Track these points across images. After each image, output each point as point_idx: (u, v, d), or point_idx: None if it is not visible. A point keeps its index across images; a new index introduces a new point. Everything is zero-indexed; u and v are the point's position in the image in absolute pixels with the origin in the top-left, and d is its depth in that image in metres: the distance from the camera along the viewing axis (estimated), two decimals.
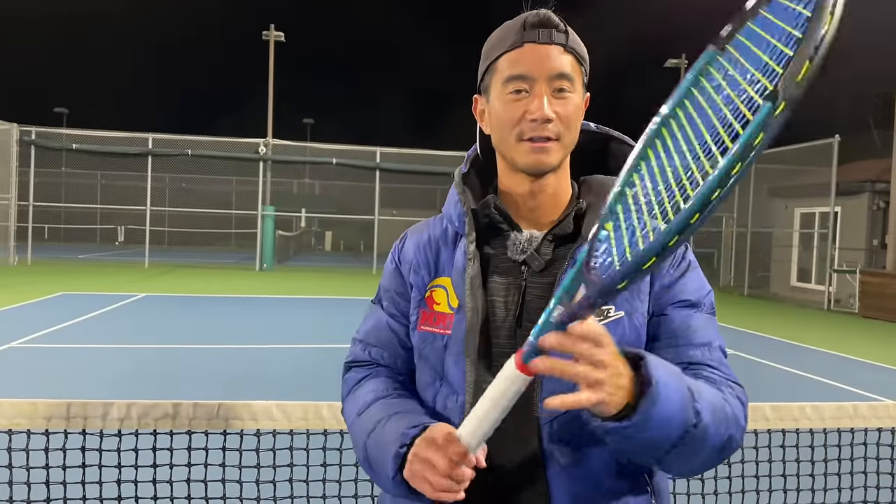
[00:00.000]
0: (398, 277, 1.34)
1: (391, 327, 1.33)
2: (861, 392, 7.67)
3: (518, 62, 1.17)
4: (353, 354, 1.39)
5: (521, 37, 1.18)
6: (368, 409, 1.24)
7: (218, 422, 1.93)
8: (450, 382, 1.21)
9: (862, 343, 11.79)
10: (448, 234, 1.31)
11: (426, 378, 1.26)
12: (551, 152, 1.17)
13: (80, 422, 1.88)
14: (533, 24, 1.18)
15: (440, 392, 1.23)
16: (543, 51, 1.16)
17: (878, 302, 15.29)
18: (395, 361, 1.33)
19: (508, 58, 1.18)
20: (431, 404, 1.24)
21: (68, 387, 6.55)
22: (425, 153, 24.41)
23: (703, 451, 1.05)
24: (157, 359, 8.16)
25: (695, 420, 1.00)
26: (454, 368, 1.20)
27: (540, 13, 1.19)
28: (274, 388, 6.79)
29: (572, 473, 1.14)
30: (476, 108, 1.29)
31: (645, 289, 1.20)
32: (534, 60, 1.16)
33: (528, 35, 1.17)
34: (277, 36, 27.07)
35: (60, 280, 16.68)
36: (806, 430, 2.25)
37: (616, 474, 1.16)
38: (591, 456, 1.15)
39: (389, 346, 1.33)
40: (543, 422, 1.14)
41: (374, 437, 1.18)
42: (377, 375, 1.32)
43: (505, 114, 1.19)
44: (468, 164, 1.35)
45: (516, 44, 1.18)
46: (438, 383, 1.23)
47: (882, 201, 17.77)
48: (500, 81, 1.19)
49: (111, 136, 23.26)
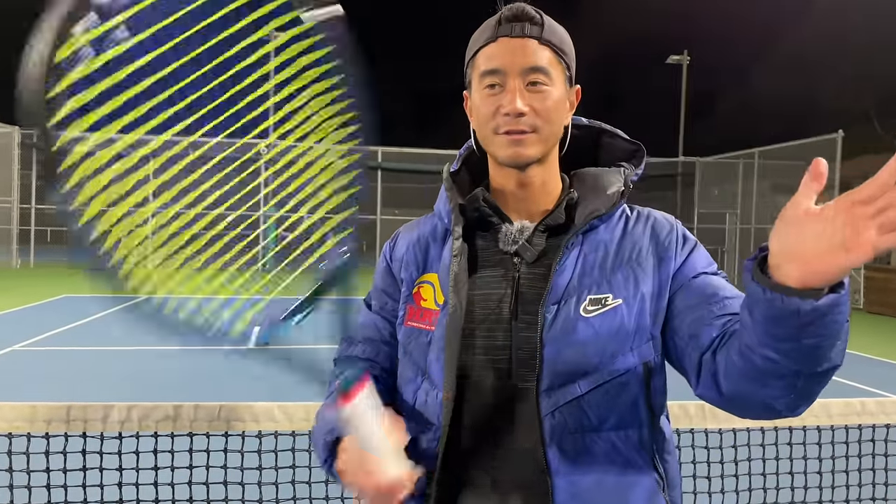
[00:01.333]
0: (388, 276, 1.35)
1: (377, 325, 1.34)
2: (868, 388, 7.64)
3: (492, 57, 1.18)
4: (339, 351, 1.40)
5: (495, 32, 1.19)
6: (331, 396, 1.27)
7: (219, 423, 1.92)
8: (431, 378, 1.21)
9: (868, 339, 11.74)
10: (438, 231, 1.32)
11: (409, 373, 1.26)
12: (528, 144, 1.17)
13: (81, 424, 1.87)
14: (507, 18, 1.19)
15: (421, 387, 1.23)
16: (516, 44, 1.17)
17: (883, 297, 15.24)
18: (377, 356, 1.34)
19: (483, 53, 1.20)
20: (412, 399, 1.24)
21: (71, 390, 6.55)
22: (427, 152, 24.38)
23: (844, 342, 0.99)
24: (161, 361, 8.16)
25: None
26: (435, 364, 1.20)
27: (515, 7, 1.19)
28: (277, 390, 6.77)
29: (575, 465, 1.12)
30: (466, 105, 1.29)
31: (649, 270, 1.19)
32: (506, 54, 1.17)
33: (501, 30, 1.18)
34: None
35: (63, 283, 16.70)
36: (813, 427, 2.23)
37: (621, 465, 1.14)
38: (593, 446, 1.13)
39: (372, 343, 1.34)
40: (544, 413, 1.13)
41: (318, 417, 1.26)
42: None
43: (483, 108, 1.20)
44: (459, 161, 1.36)
45: (490, 39, 1.19)
46: (420, 379, 1.23)
47: None
48: (478, 77, 1.21)
49: None
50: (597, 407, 1.13)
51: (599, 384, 1.13)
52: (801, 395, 1.02)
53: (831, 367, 0.97)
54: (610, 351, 1.14)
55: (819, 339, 0.91)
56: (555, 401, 1.13)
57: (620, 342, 1.14)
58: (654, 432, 1.19)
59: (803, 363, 0.96)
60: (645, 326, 1.16)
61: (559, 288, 1.15)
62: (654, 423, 1.19)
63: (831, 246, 0.83)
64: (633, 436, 1.16)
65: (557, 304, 1.15)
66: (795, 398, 1.02)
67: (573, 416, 1.13)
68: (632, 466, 1.15)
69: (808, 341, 0.92)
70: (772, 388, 1.01)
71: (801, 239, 0.85)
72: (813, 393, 1.02)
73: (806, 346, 0.93)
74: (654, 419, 1.18)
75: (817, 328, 0.90)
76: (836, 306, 0.88)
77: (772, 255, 0.90)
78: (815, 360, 0.95)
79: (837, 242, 0.82)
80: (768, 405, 1.05)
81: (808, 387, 1.00)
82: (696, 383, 1.15)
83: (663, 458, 1.20)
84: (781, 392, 1.01)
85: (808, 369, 0.97)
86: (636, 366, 1.15)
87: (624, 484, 1.14)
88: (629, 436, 1.16)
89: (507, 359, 1.16)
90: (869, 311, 15.53)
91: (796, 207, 0.86)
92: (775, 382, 1.00)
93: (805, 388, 1.00)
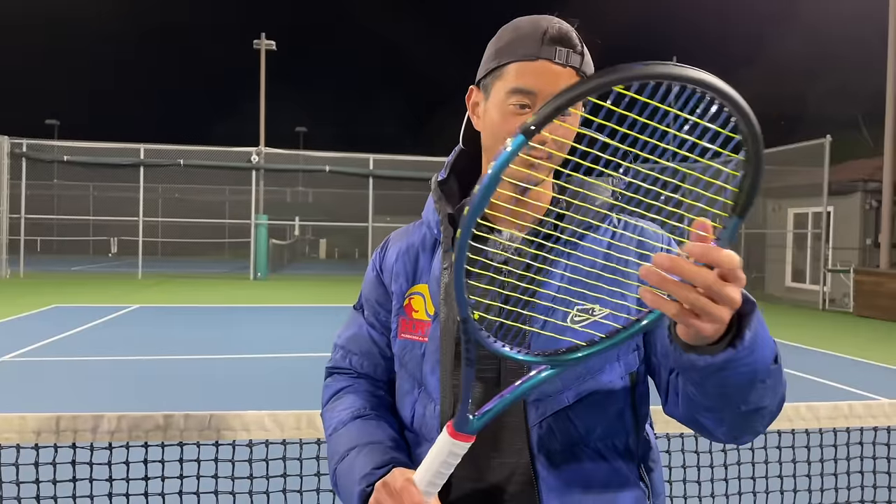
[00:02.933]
0: (379, 286, 1.34)
1: (372, 337, 1.34)
2: (857, 391, 7.69)
3: (528, 76, 1.13)
4: (333, 360, 1.40)
5: (537, 50, 1.12)
6: (345, 427, 1.25)
7: (210, 433, 1.91)
8: (427, 390, 1.21)
9: (857, 342, 11.82)
10: (427, 241, 1.31)
11: (406, 386, 1.27)
12: (540, 170, 1.15)
13: (71, 435, 1.86)
14: (552, 39, 1.12)
15: (419, 400, 1.23)
16: (557, 71, 1.12)
17: (872, 300, 15.34)
18: (374, 370, 1.34)
19: (519, 68, 1.14)
20: (411, 412, 1.25)
21: (61, 400, 6.51)
22: (419, 159, 24.41)
23: (780, 390, 1.00)
24: (151, 371, 8.12)
25: (776, 349, 0.96)
26: (431, 377, 1.21)
27: (562, 28, 1.13)
28: (269, 399, 6.76)
29: (562, 474, 1.13)
30: (469, 99, 1.26)
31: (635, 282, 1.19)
32: (545, 79, 1.12)
33: (545, 51, 1.12)
34: (269, 45, 27.14)
35: (53, 293, 16.60)
36: (802, 430, 2.25)
37: (607, 474, 1.15)
38: (580, 456, 1.14)
39: (370, 356, 1.34)
40: (532, 424, 1.14)
41: (345, 465, 1.19)
42: (355, 390, 1.33)
43: (503, 125, 1.16)
44: (447, 169, 1.33)
45: (530, 56, 1.13)
46: (417, 391, 1.24)
47: (874, 200, 17.85)
48: (505, 89, 1.15)
49: (103, 148, 23.22)
50: (584, 417, 1.14)
51: (586, 394, 1.14)
52: (734, 429, 1.03)
53: (755, 409, 0.98)
54: (597, 362, 1.14)
55: (725, 388, 0.93)
56: (542, 411, 1.13)
57: (607, 353, 1.15)
58: (639, 441, 1.20)
59: (719, 403, 0.98)
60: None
61: (547, 299, 1.15)
62: (639, 432, 1.20)
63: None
64: (620, 445, 1.17)
65: (545, 315, 1.15)
66: (728, 430, 1.04)
67: (560, 427, 1.14)
68: (618, 475, 1.16)
69: (714, 390, 0.94)
70: (705, 418, 1.04)
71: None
72: (747, 428, 1.03)
73: (713, 393, 0.95)
74: (638, 428, 1.20)
75: (721, 379, 0.91)
76: (732, 362, 0.87)
77: None
78: (731, 404, 0.97)
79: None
80: (710, 432, 1.08)
81: (737, 422, 1.01)
82: (664, 401, 1.17)
83: (648, 466, 1.21)
84: (713, 423, 1.04)
85: (728, 410, 0.98)
86: (622, 376, 1.17)
87: (611, 492, 1.14)
88: (615, 445, 1.17)
89: (496, 368, 1.16)
90: (858, 314, 15.62)
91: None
92: (706, 413, 1.03)
93: (735, 424, 1.02)
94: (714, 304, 0.80)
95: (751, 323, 0.87)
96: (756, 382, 0.93)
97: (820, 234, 18.01)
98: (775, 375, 0.96)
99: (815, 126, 18.36)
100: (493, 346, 0.97)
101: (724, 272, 0.79)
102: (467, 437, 1.01)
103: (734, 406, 0.97)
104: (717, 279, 0.79)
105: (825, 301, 17.43)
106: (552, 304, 1.14)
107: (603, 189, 1.24)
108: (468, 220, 0.86)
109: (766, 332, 0.93)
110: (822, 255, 17.87)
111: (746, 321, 0.88)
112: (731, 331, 0.87)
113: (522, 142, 0.82)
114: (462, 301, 0.94)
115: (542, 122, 0.80)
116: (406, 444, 1.24)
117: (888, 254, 16.56)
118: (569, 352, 0.98)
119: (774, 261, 20.50)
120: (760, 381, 0.94)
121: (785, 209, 20.13)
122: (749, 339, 0.87)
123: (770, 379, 0.95)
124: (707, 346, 0.88)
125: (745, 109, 0.77)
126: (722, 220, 0.83)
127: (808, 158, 18.29)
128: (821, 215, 17.86)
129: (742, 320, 0.88)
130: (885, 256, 16.58)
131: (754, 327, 0.88)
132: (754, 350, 0.89)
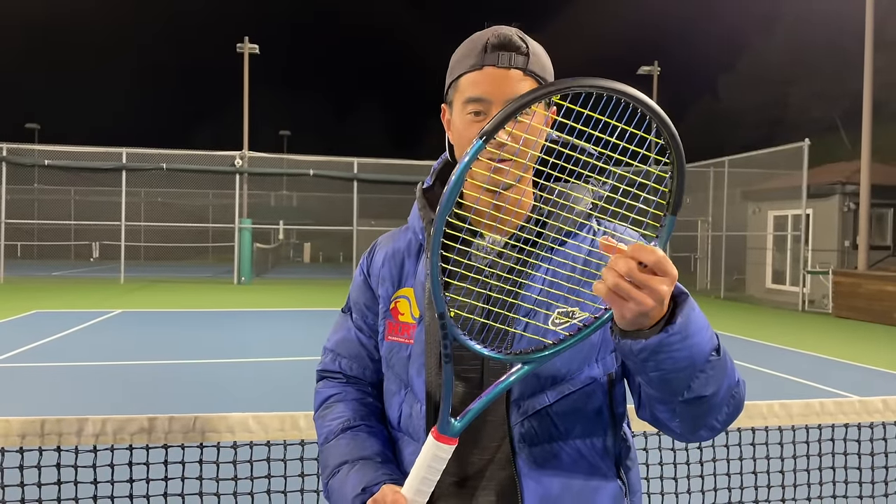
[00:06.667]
0: (367, 290, 1.38)
1: (360, 340, 1.38)
2: (834, 391, 7.79)
3: (476, 84, 1.20)
4: (324, 364, 1.44)
5: (481, 59, 1.19)
6: (335, 439, 1.29)
7: (194, 435, 1.93)
8: (414, 391, 1.26)
9: (835, 343, 11.98)
10: (412, 246, 1.35)
11: (393, 387, 1.31)
12: (506, 172, 1.19)
13: (55, 438, 1.87)
14: (494, 46, 1.19)
15: (406, 400, 1.28)
16: (501, 75, 1.18)
17: (850, 302, 15.55)
18: (363, 373, 1.38)
19: (468, 79, 1.21)
20: (398, 412, 1.29)
21: (44, 405, 6.46)
22: (402, 163, 24.45)
23: (725, 382, 1.08)
24: (134, 375, 8.06)
25: (717, 342, 1.06)
26: (417, 378, 1.25)
27: (501, 34, 1.19)
28: (253, 402, 6.75)
29: (543, 472, 1.17)
30: (444, 117, 1.32)
31: None
32: (491, 84, 1.18)
33: (488, 58, 1.19)
34: (252, 48, 27.02)
35: (34, 298, 16.41)
36: (775, 427, 2.31)
37: (587, 471, 1.19)
38: (560, 454, 1.19)
39: (358, 359, 1.38)
40: (514, 422, 1.18)
41: (337, 481, 1.24)
42: (344, 398, 1.36)
43: (465, 133, 1.23)
44: (433, 176, 1.38)
45: (476, 66, 1.20)
46: (404, 392, 1.28)
47: (853, 203, 18.10)
48: (461, 101, 1.22)
49: (84, 152, 22.98)
50: (564, 416, 1.19)
51: (566, 394, 1.19)
52: (686, 421, 1.12)
53: (698, 398, 1.07)
54: (577, 363, 1.19)
55: (662, 372, 1.03)
56: (524, 410, 1.18)
57: (587, 354, 1.20)
58: (616, 440, 1.25)
59: (662, 391, 1.07)
60: (608, 339, 1.22)
61: (528, 301, 1.19)
62: (617, 430, 1.25)
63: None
64: (598, 443, 1.22)
65: (527, 318, 1.19)
66: (681, 423, 1.13)
67: (541, 425, 1.18)
68: (597, 473, 1.20)
69: (654, 374, 1.03)
70: (660, 411, 1.14)
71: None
72: (699, 422, 1.12)
73: (655, 378, 1.04)
74: (616, 427, 1.25)
75: (657, 363, 1.01)
76: (665, 345, 0.98)
77: None
78: (671, 390, 1.06)
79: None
80: (668, 427, 1.17)
81: (686, 414, 1.10)
82: (637, 405, 1.24)
83: (625, 465, 1.26)
84: (668, 416, 1.13)
85: (671, 397, 1.08)
86: (600, 376, 1.22)
87: (589, 489, 1.19)
88: (594, 443, 1.21)
89: (479, 369, 1.20)
90: (837, 315, 15.82)
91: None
92: (659, 406, 1.13)
93: (685, 415, 1.11)
94: (635, 289, 0.93)
95: (682, 310, 0.99)
96: (695, 370, 1.03)
97: (799, 237, 18.23)
98: (717, 367, 1.05)
99: (794, 129, 18.60)
100: (468, 343, 1.05)
101: (652, 267, 0.93)
102: (450, 440, 1.09)
103: (678, 393, 1.06)
104: (634, 268, 0.93)
105: (805, 302, 17.64)
106: (534, 307, 1.19)
107: (582, 195, 1.26)
108: (438, 219, 0.97)
109: (703, 323, 1.03)
110: (802, 257, 18.09)
111: (679, 309, 0.99)
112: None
113: (479, 146, 0.95)
114: (438, 297, 1.01)
115: (493, 129, 0.95)
116: (394, 451, 1.29)
117: (866, 255, 16.80)
118: (537, 350, 1.08)
119: (755, 263, 20.72)
120: (700, 371, 1.03)
121: (765, 212, 20.36)
122: (680, 324, 0.98)
123: (712, 370, 1.05)
124: (643, 332, 0.99)
125: (662, 116, 0.92)
126: (660, 219, 0.99)
127: (788, 161, 18.53)
128: (800, 218, 18.07)
129: (675, 309, 0.99)
130: (862, 258, 16.82)
131: (686, 314, 0.99)
132: (687, 336, 0.99)
